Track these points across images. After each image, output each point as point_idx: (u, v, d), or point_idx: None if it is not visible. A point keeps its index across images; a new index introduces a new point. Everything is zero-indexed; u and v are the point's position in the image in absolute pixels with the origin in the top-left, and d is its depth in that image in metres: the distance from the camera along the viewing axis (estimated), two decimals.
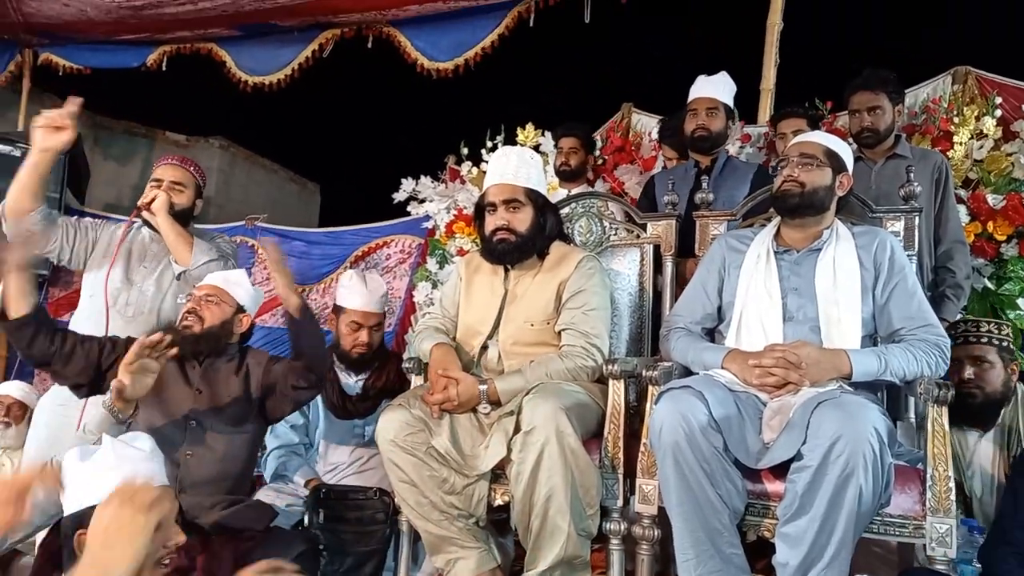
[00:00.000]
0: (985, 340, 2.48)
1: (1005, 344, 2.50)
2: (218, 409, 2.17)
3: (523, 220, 2.27)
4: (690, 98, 3.05)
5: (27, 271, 2.05)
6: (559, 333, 2.24)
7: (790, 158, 2.13)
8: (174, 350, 2.04)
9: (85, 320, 2.58)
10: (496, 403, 2.12)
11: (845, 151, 2.15)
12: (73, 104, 2.41)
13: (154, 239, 2.71)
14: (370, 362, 2.81)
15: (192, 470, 2.10)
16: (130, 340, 2.27)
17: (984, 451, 2.49)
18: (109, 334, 2.38)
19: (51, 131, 2.37)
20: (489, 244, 2.30)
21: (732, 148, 3.60)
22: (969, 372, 2.46)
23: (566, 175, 3.72)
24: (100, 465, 1.46)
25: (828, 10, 5.73)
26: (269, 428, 2.79)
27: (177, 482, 2.02)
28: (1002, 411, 2.48)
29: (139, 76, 5.34)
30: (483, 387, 2.12)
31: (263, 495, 2.55)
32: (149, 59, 5.21)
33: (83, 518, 1.39)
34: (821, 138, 2.18)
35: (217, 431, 2.15)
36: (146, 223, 2.70)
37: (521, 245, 2.27)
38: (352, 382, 2.81)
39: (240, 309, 2.33)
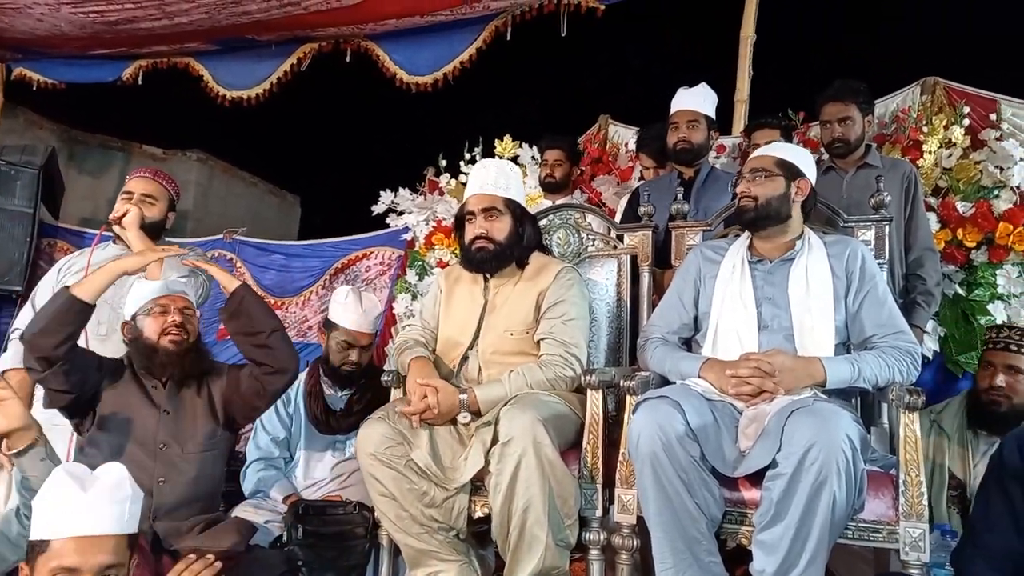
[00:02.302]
0: None
1: None
2: (187, 429, 2.14)
3: (501, 229, 2.29)
4: (671, 111, 3.08)
5: None
6: (538, 343, 2.25)
7: (743, 175, 2.18)
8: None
9: None
10: (477, 412, 2.13)
11: (800, 157, 2.18)
12: None
13: (125, 254, 2.69)
14: (357, 379, 2.80)
15: (166, 496, 2.06)
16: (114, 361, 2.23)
17: None
18: None
19: None
20: (468, 253, 2.32)
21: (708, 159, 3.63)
22: (1001, 379, 2.43)
23: (551, 187, 3.72)
24: (50, 498, 1.42)
25: (801, 22, 5.83)
26: (251, 436, 2.77)
27: (151, 511, 1.99)
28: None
29: (115, 90, 5.29)
30: (463, 396, 2.13)
31: (241, 511, 2.51)
32: (125, 73, 5.16)
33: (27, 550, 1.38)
34: (771, 150, 2.23)
35: (188, 452, 2.12)
36: (117, 237, 2.67)
37: (499, 253, 2.28)
38: (337, 396, 2.80)
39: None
